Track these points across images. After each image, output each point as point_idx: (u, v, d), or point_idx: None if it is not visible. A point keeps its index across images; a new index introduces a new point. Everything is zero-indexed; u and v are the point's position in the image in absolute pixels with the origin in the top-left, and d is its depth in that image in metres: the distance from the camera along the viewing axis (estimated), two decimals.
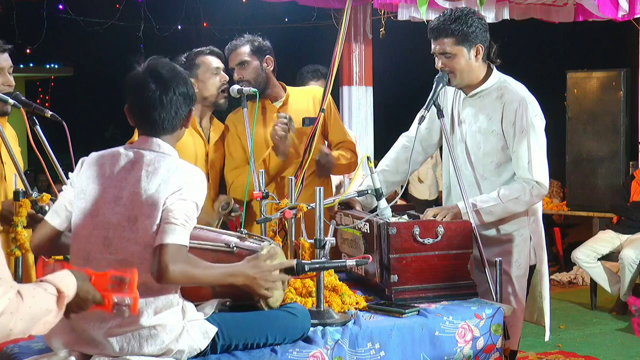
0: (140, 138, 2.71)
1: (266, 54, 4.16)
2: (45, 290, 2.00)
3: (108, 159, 2.67)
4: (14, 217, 3.29)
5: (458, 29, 3.59)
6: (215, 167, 4.19)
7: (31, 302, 1.93)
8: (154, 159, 2.61)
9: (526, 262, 3.73)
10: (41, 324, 1.99)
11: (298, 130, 4.11)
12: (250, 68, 4.11)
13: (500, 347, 3.15)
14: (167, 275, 2.44)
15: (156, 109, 2.65)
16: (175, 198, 2.51)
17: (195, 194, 2.56)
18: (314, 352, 2.77)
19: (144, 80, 2.65)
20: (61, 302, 2.04)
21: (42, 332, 2.02)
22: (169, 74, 2.67)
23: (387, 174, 3.95)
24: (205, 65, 4.08)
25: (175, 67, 2.73)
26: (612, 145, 8.10)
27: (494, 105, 3.68)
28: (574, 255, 7.15)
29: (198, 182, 2.59)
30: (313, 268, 2.88)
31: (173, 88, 2.66)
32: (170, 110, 2.66)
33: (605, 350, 5.89)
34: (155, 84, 2.64)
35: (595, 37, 13.60)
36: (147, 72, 2.67)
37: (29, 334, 1.98)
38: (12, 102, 3.41)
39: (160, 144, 2.67)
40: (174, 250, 2.46)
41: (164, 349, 2.54)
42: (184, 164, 2.64)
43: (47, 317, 2.00)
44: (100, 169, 2.64)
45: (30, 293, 1.95)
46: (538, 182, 3.58)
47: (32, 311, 1.94)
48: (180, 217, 2.50)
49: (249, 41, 4.15)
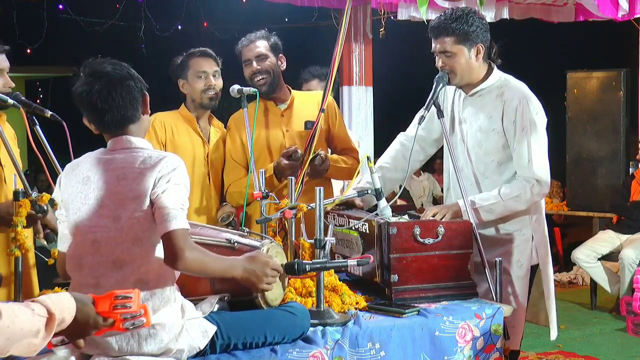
0: (110, 141, 2.70)
1: (280, 53, 4.19)
2: (32, 311, 1.91)
3: (83, 165, 2.68)
4: (13, 218, 3.29)
5: (459, 28, 3.60)
6: (215, 166, 4.19)
7: (10, 322, 1.84)
8: (128, 156, 2.62)
9: (528, 262, 3.73)
10: (24, 345, 1.89)
11: (300, 133, 4.12)
12: (268, 61, 4.13)
13: (500, 347, 3.15)
14: (184, 260, 2.48)
15: (109, 106, 2.64)
16: (164, 185, 2.53)
17: (181, 177, 2.58)
18: (314, 352, 2.77)
19: (86, 84, 2.65)
20: (50, 325, 1.95)
21: (25, 354, 1.93)
22: (105, 68, 2.66)
23: (385, 170, 3.95)
24: (194, 68, 4.12)
25: (108, 61, 2.70)
26: (612, 145, 8.10)
27: (495, 103, 3.68)
28: (574, 255, 7.15)
29: (178, 164, 2.60)
30: (314, 268, 2.88)
31: (116, 80, 2.64)
32: (124, 101, 2.64)
33: (605, 350, 5.89)
34: (99, 83, 2.64)
35: (595, 37, 13.58)
36: (86, 75, 2.66)
37: (7, 355, 1.89)
38: (12, 102, 3.41)
39: (131, 139, 2.68)
40: (183, 234, 2.49)
41: (164, 348, 2.54)
42: (157, 153, 2.65)
43: (31, 339, 1.90)
44: (77, 176, 2.66)
45: (12, 312, 1.86)
46: (539, 180, 3.58)
47: (10, 331, 1.84)
48: (177, 202, 2.53)
49: (267, 37, 4.18)
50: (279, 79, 4.18)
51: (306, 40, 13.18)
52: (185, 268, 2.52)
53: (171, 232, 2.48)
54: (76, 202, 2.63)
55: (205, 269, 2.58)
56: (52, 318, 1.95)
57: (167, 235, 2.49)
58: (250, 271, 2.68)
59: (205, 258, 2.56)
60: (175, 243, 2.48)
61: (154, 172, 2.55)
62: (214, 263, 2.60)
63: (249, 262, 2.70)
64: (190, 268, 2.53)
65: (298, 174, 3.92)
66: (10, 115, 3.58)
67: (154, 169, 2.55)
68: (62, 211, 2.71)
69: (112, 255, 2.56)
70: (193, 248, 2.52)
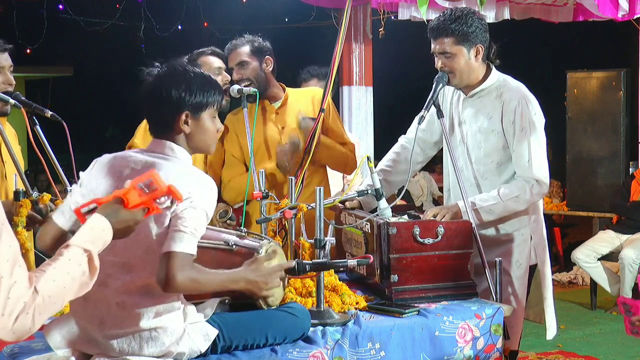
0: (153, 141, 2.68)
1: (266, 55, 4.16)
2: (69, 260, 1.99)
3: (119, 161, 2.65)
4: (13, 217, 3.29)
5: (458, 28, 3.60)
6: (214, 168, 4.19)
7: (50, 290, 1.93)
8: (164, 164, 2.58)
9: (527, 262, 3.73)
10: (75, 291, 2.00)
11: (296, 130, 4.12)
12: (250, 68, 4.10)
13: (500, 347, 3.15)
14: (174, 284, 2.44)
15: (151, 108, 2.63)
16: (185, 205, 2.48)
17: (206, 203, 2.53)
18: (314, 352, 2.77)
19: (152, 79, 2.65)
20: (92, 261, 2.04)
21: (83, 293, 2.04)
22: (163, 72, 2.65)
23: (386, 173, 3.95)
24: (208, 66, 4.07)
25: (172, 66, 2.68)
26: (612, 145, 8.09)
27: (494, 104, 3.68)
28: (574, 255, 7.15)
29: (208, 190, 2.55)
30: (314, 268, 2.88)
31: (165, 87, 2.61)
32: (168, 110, 2.62)
33: (605, 350, 5.89)
34: (152, 83, 2.63)
35: (595, 37, 13.59)
36: (157, 72, 2.66)
37: (64, 307, 2.01)
38: (13, 102, 3.41)
39: (174, 147, 2.64)
40: (182, 259, 2.44)
41: (164, 351, 2.54)
42: (195, 170, 2.61)
43: (80, 281, 2.00)
44: (111, 170, 2.62)
45: (49, 278, 1.94)
46: (538, 180, 3.58)
47: (53, 297, 1.93)
48: (190, 225, 2.47)
49: (249, 41, 4.15)
50: (266, 81, 4.14)
51: (306, 40, 13.19)
52: (174, 291, 2.50)
53: (170, 253, 2.44)
54: (100, 195, 2.55)
55: (199, 289, 2.56)
56: (90, 255, 2.04)
57: (166, 255, 2.44)
58: (252, 282, 2.66)
59: (199, 278, 2.49)
60: (170, 265, 2.43)
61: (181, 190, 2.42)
62: (208, 283, 2.55)
63: (251, 272, 2.67)
64: (180, 291, 2.51)
65: (298, 174, 3.92)
66: (10, 115, 3.58)
67: (182, 187, 2.44)
68: (79, 188, 2.63)
69: (124, 258, 2.53)
70: (188, 271, 2.45)
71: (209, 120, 2.70)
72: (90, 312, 2.55)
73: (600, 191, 8.12)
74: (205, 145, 2.73)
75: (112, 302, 2.53)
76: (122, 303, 2.52)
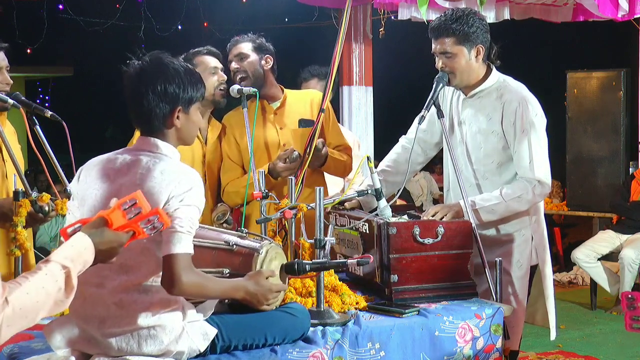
0: (140, 139, 2.68)
1: (266, 53, 4.17)
2: (45, 275, 1.96)
3: (105, 163, 2.64)
4: (13, 217, 3.29)
5: (459, 28, 3.60)
6: (212, 168, 4.18)
7: (22, 303, 1.89)
8: (149, 162, 2.57)
9: (527, 262, 3.73)
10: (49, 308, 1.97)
11: (294, 132, 4.12)
12: (248, 61, 4.11)
13: (500, 347, 3.15)
14: (180, 286, 2.45)
15: (141, 105, 2.60)
16: (177, 204, 2.47)
17: (196, 197, 2.53)
18: (314, 352, 2.77)
19: (134, 74, 2.62)
20: (69, 279, 2.00)
21: (57, 312, 2.01)
22: (152, 67, 2.62)
23: (387, 174, 3.95)
24: (203, 65, 4.07)
25: (161, 61, 2.64)
26: (612, 145, 8.10)
27: (494, 105, 3.68)
28: (574, 255, 7.15)
29: (197, 185, 2.55)
30: (314, 268, 2.88)
31: (154, 83, 2.58)
32: (155, 106, 2.59)
33: (605, 350, 5.89)
34: (140, 78, 2.60)
35: (595, 37, 13.58)
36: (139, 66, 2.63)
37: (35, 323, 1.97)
38: (12, 102, 3.41)
39: (159, 144, 2.63)
40: (184, 259, 2.46)
41: (164, 349, 2.54)
42: (180, 166, 2.60)
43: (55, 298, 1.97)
44: (98, 173, 2.62)
45: (23, 290, 1.91)
46: (540, 180, 3.59)
47: (24, 309, 1.90)
48: (185, 224, 2.47)
49: (251, 39, 4.18)
50: (264, 78, 4.15)
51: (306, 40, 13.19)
52: (181, 293, 2.51)
53: (172, 256, 2.45)
54: (91, 200, 2.58)
55: (203, 293, 2.57)
56: (68, 271, 2.01)
57: (168, 258, 2.45)
58: (252, 294, 2.68)
59: (204, 282, 2.53)
60: (175, 268, 2.44)
61: (169, 187, 2.48)
62: (213, 287, 2.58)
63: (253, 284, 2.68)
64: (185, 293, 2.51)
65: (298, 174, 3.92)
66: (10, 115, 3.58)
67: (169, 184, 2.48)
68: (75, 203, 2.65)
69: (120, 259, 2.50)
70: (192, 273, 2.47)
71: (196, 113, 2.71)
72: (89, 312, 2.55)
73: (600, 191, 8.13)
74: (191, 137, 2.75)
75: (110, 302, 2.53)
76: (120, 302, 2.52)
